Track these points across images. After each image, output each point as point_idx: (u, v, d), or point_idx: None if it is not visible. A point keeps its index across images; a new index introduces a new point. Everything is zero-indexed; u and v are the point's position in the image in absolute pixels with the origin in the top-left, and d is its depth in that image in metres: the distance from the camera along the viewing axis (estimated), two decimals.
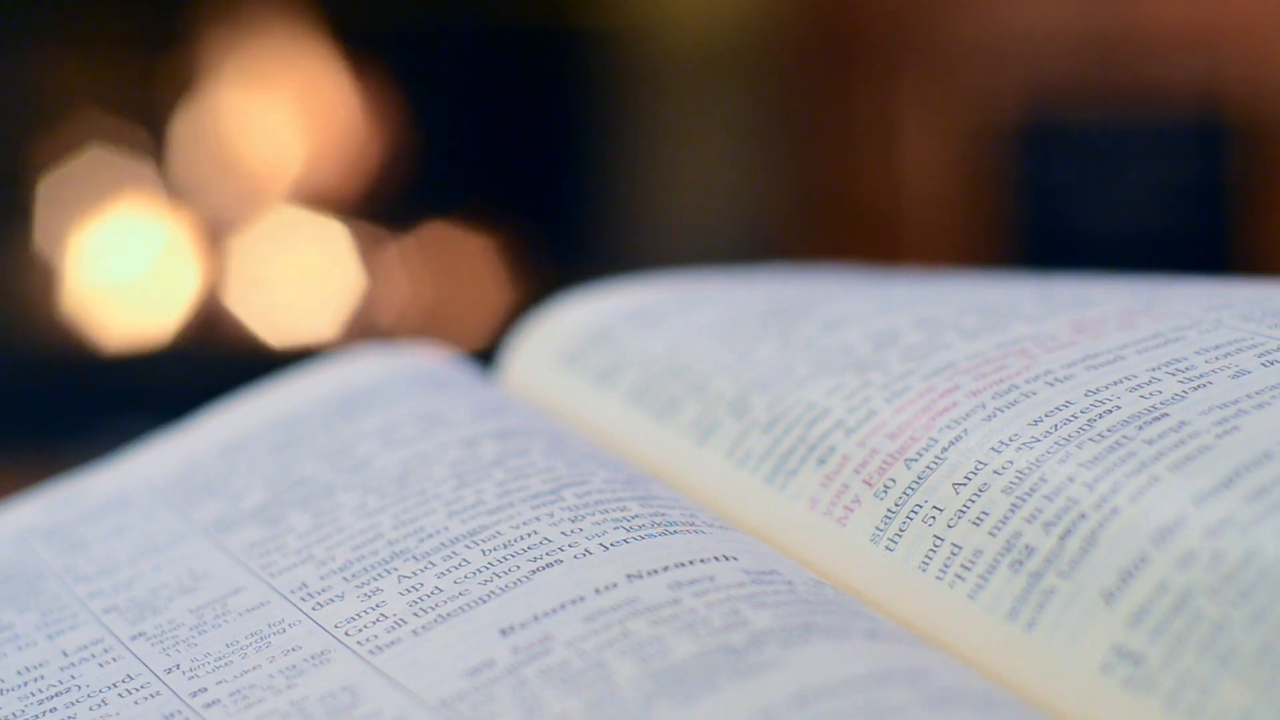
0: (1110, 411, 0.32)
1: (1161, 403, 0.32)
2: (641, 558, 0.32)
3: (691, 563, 0.31)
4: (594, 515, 0.33)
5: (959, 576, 0.31)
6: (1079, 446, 0.31)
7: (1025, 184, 1.67)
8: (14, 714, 0.32)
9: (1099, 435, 0.31)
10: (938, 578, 0.31)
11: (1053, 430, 0.32)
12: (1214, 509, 0.28)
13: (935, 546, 0.31)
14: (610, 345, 0.42)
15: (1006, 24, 1.67)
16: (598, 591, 0.31)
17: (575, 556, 0.32)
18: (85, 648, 0.34)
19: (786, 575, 0.31)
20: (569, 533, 0.33)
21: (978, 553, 0.31)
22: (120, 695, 0.32)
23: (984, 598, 0.30)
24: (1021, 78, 1.66)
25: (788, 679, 0.27)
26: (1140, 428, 0.31)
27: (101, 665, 0.33)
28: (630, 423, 0.39)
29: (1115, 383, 0.33)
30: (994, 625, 0.30)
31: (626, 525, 0.33)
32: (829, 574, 0.33)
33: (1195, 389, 0.32)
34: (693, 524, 0.33)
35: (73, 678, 0.33)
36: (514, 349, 0.45)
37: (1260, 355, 0.33)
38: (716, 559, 0.32)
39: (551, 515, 0.34)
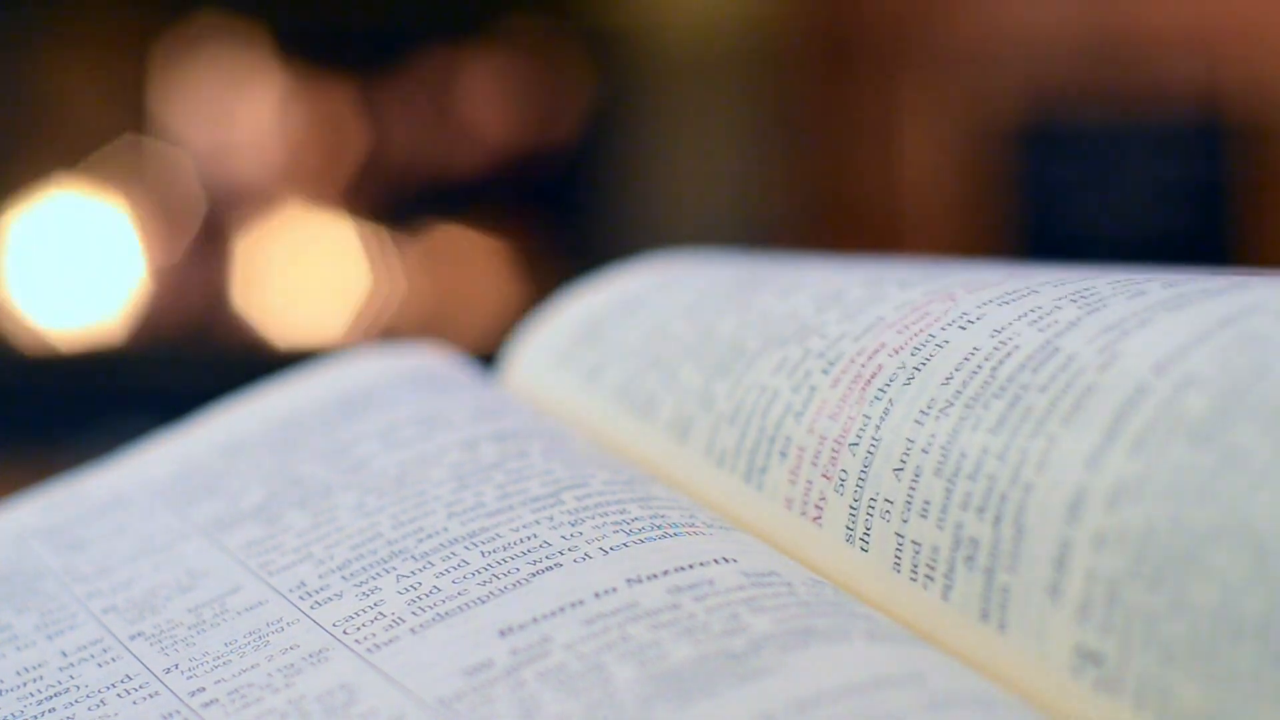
0: (1010, 354, 0.31)
1: (1056, 335, 0.31)
2: (641, 562, 0.32)
3: (691, 566, 0.31)
4: (594, 519, 0.33)
5: (929, 577, 0.30)
6: (985, 407, 0.31)
7: (1025, 184, 1.67)
8: (13, 714, 0.32)
9: (1000, 388, 0.31)
10: (911, 579, 0.31)
11: (962, 389, 0.32)
12: (1105, 472, 0.28)
13: (900, 545, 0.31)
14: (597, 340, 0.42)
15: (1006, 25, 1.66)
16: (597, 595, 0.31)
17: (575, 560, 0.32)
18: (84, 648, 0.34)
19: (786, 576, 0.31)
20: (569, 536, 0.33)
21: (935, 549, 0.30)
22: (119, 695, 0.32)
23: (955, 599, 0.30)
24: (1021, 78, 1.66)
25: (787, 684, 0.27)
26: (1034, 370, 0.31)
27: (100, 665, 0.33)
28: (618, 422, 0.39)
29: (1020, 317, 0.32)
30: (972, 628, 0.29)
31: (626, 529, 0.33)
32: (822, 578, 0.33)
33: (1091, 313, 0.31)
34: (693, 525, 0.33)
35: (72, 678, 0.33)
36: (515, 349, 0.45)
37: (1166, 282, 0.32)
38: (716, 562, 0.32)
39: (551, 519, 0.34)
